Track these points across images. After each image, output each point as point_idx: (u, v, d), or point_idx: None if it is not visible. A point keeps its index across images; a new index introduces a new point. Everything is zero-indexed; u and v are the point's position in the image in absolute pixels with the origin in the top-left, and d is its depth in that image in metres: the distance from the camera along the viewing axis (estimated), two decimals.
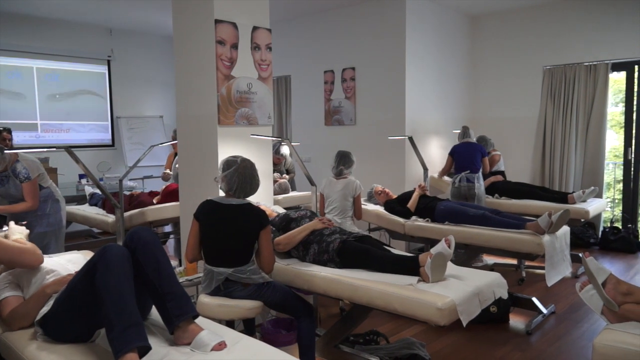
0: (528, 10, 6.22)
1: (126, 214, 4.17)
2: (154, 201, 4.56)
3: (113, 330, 1.64)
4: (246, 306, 2.53)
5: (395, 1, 5.54)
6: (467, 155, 4.94)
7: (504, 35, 6.45)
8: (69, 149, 3.10)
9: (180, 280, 2.93)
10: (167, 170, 5.33)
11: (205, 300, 2.55)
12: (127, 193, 4.72)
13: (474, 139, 5.10)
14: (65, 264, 2.35)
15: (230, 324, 2.67)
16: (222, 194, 2.69)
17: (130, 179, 6.53)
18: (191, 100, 3.73)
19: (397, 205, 4.25)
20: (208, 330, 1.85)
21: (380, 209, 4.40)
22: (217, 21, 3.44)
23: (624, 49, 5.59)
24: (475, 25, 6.67)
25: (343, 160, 3.98)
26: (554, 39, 6.06)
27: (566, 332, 3.53)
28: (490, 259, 5.16)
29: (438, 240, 2.54)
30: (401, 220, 4.13)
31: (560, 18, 5.99)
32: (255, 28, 3.69)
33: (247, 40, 3.65)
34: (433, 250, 2.42)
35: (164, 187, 4.68)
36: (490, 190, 5.15)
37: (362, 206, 4.13)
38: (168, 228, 5.16)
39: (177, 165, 4.76)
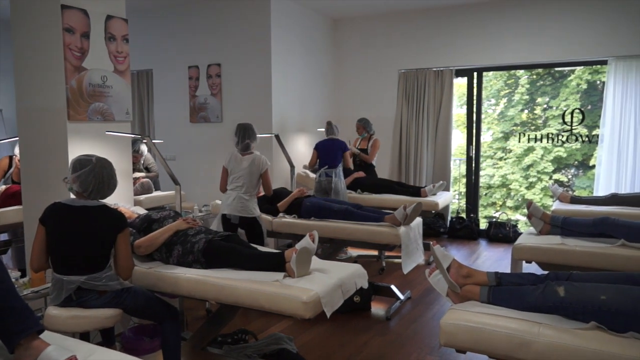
0: (385, 17, 6.64)
1: None
2: None
3: None
4: (103, 315, 2.36)
5: (260, 0, 5.56)
6: (328, 152, 5.12)
7: (364, 39, 6.82)
8: None
9: (25, 292, 2.63)
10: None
11: (54, 312, 2.32)
12: None
13: (337, 135, 5.29)
14: None
15: (85, 336, 2.47)
16: (73, 196, 2.47)
17: None
18: (35, 92, 3.36)
19: (265, 203, 4.27)
20: (55, 345, 1.68)
21: None
22: (63, 6, 3.14)
23: (466, 58, 6.24)
24: (337, 28, 6.95)
25: (248, 134, 3.81)
26: (407, 45, 6.55)
27: (420, 315, 3.85)
28: (354, 251, 5.43)
29: (305, 235, 2.60)
30: (269, 217, 4.16)
31: (413, 26, 6.49)
32: (109, 17, 3.44)
33: (100, 29, 3.38)
34: (298, 246, 2.47)
35: (3, 188, 4.16)
36: (353, 185, 5.41)
37: None
38: (4, 236, 4.56)
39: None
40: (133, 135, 3.86)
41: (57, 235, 2.36)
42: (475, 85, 6.41)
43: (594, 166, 6.59)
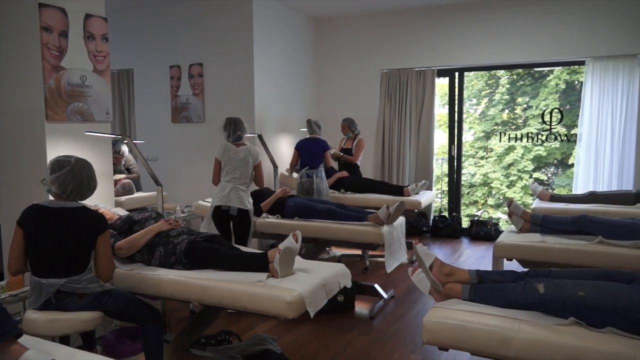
0: (367, 17, 6.66)
1: None
2: None
3: None
4: (83, 318, 2.33)
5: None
6: (309, 152, 5.08)
7: (346, 39, 6.83)
8: None
9: (3, 296, 2.59)
10: None
11: (32, 316, 2.29)
12: None
13: (319, 132, 5.25)
14: None
15: (65, 339, 2.44)
16: (51, 198, 2.43)
17: None
18: (12, 91, 3.29)
19: None
20: (34, 349, 1.65)
21: None
22: (41, 5, 3.09)
23: (447, 58, 6.29)
24: (320, 28, 6.96)
25: (239, 126, 3.90)
26: (390, 45, 6.58)
27: (404, 313, 3.87)
28: (338, 251, 5.44)
29: (288, 235, 2.59)
30: (252, 217, 4.14)
31: (395, 26, 6.53)
32: (88, 16, 3.39)
33: (78, 28, 3.34)
34: (281, 246, 2.47)
35: None
36: (337, 185, 5.42)
37: None
38: None
39: None
40: (113, 136, 3.82)
41: (35, 238, 2.32)
42: (456, 85, 6.46)
43: (572, 165, 6.70)
